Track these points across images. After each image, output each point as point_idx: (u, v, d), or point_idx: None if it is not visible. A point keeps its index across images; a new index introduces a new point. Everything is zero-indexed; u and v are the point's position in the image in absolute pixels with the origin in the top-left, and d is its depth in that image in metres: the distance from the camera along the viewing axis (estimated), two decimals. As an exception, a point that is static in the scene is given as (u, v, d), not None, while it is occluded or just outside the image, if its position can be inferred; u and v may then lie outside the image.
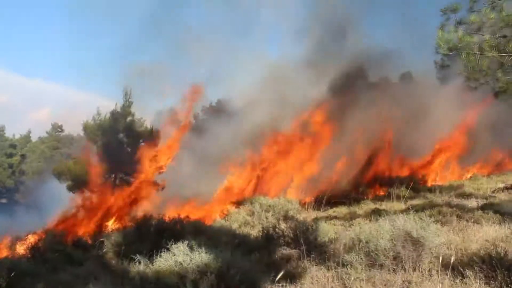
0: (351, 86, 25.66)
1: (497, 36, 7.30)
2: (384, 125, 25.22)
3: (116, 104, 23.96)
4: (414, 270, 6.39)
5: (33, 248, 9.93)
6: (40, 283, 6.58)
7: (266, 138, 26.47)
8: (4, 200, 46.97)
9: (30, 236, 15.40)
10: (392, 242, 6.75)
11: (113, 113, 23.75)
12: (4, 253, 16.09)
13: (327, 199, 19.03)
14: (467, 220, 10.07)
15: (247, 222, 13.31)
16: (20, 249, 13.17)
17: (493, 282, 5.69)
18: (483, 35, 7.39)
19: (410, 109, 24.87)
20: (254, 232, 11.44)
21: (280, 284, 6.33)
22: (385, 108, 24.96)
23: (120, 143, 23.68)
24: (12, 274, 6.62)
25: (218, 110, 31.89)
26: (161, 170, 24.36)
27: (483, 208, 11.44)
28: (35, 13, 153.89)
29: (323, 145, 25.70)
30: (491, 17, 7.24)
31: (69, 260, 9.33)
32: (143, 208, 21.38)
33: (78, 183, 23.48)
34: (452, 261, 6.68)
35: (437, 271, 6.23)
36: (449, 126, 26.26)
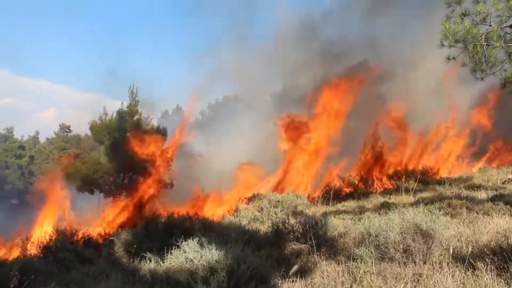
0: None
1: (504, 26, 7.24)
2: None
3: (122, 103, 24.05)
4: (425, 262, 6.38)
5: (45, 248, 10.02)
6: (52, 282, 6.63)
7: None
8: (15, 201, 47.36)
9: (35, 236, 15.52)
10: (402, 235, 6.74)
11: (120, 112, 23.79)
12: (16, 253, 16.24)
13: (336, 194, 19.02)
14: (477, 212, 10.02)
15: (256, 218, 13.33)
16: (32, 248, 13.29)
17: (504, 274, 5.66)
18: (490, 25, 7.33)
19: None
20: (264, 228, 11.46)
21: (291, 279, 6.35)
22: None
23: (128, 142, 23.73)
24: (30, 276, 6.69)
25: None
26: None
27: (493, 199, 11.36)
28: (41, 14, 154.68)
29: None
30: (500, 8, 7.18)
31: (81, 259, 9.41)
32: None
33: (87, 183, 23.62)
34: (462, 254, 6.67)
35: (448, 263, 6.22)
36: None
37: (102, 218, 22.48)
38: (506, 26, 7.22)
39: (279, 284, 6.20)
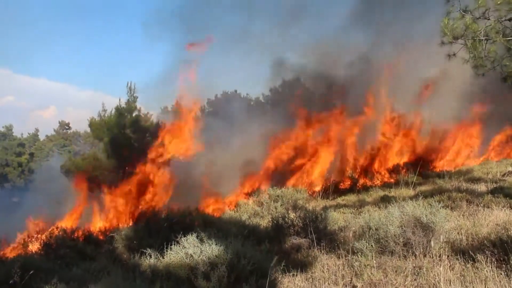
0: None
1: (503, 20, 7.22)
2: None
3: (119, 100, 24.01)
4: (425, 255, 6.39)
5: (45, 245, 10.03)
6: (53, 279, 6.63)
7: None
8: (15, 199, 47.42)
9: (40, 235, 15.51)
10: (402, 228, 6.75)
11: (118, 109, 23.76)
12: (17, 250, 16.27)
13: (336, 188, 19.04)
14: (477, 205, 10.03)
15: (256, 213, 13.34)
16: (33, 246, 13.32)
17: (504, 266, 5.67)
18: (488, 19, 7.31)
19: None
20: (264, 222, 11.47)
21: (291, 274, 6.36)
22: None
23: (127, 139, 23.71)
24: (30, 272, 6.69)
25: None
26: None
27: (493, 192, 11.38)
28: (39, 12, 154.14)
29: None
30: (499, 2, 7.16)
31: (81, 256, 9.42)
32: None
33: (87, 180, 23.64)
34: (463, 246, 6.69)
35: (448, 256, 6.23)
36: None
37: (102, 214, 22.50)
38: (505, 20, 7.19)
39: (279, 279, 6.21)
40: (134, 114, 24.21)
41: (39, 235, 14.95)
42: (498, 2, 7.12)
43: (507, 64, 7.36)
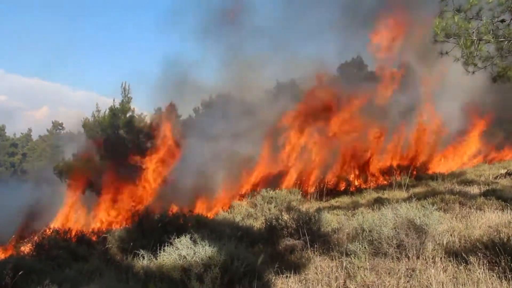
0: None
1: (495, 21, 7.28)
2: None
3: (114, 100, 23.85)
4: (418, 257, 6.40)
5: (38, 246, 9.96)
6: (45, 280, 6.59)
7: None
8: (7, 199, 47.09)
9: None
10: (395, 230, 6.76)
11: (112, 109, 23.64)
12: (9, 251, 16.17)
13: (329, 189, 19.08)
14: (469, 207, 10.07)
15: (250, 214, 13.34)
16: (25, 247, 13.24)
17: (496, 268, 5.70)
18: (481, 20, 7.36)
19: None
20: (257, 224, 11.46)
21: (285, 275, 6.35)
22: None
23: (121, 139, 23.59)
24: (20, 273, 6.63)
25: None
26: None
27: (486, 194, 11.43)
28: (33, 12, 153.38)
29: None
30: (490, 1, 7.22)
31: (74, 257, 9.37)
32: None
33: (80, 181, 23.50)
34: (455, 248, 6.71)
35: (441, 258, 6.25)
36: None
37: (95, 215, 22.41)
38: (498, 21, 7.25)
39: (272, 280, 6.20)
40: (128, 115, 24.11)
41: (31, 236, 14.88)
42: (490, 1, 7.19)
43: (497, 63, 7.42)
